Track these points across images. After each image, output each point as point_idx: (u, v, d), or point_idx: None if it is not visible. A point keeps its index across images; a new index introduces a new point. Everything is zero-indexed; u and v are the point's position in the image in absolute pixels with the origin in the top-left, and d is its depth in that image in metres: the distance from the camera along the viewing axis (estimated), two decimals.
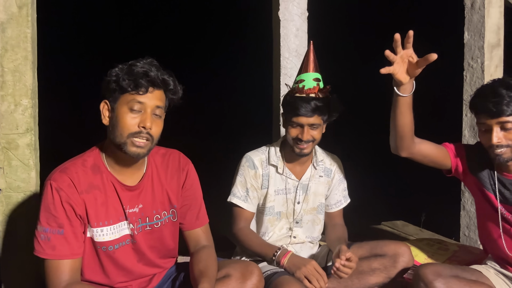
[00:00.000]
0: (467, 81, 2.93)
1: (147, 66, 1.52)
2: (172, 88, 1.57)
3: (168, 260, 1.76)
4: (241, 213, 2.03)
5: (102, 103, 1.56)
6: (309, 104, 1.89)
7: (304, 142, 1.94)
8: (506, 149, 1.69)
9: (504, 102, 1.64)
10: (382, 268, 1.97)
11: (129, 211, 1.60)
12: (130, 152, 1.51)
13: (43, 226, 1.51)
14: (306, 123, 1.92)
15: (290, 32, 2.54)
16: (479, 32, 2.86)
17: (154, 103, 1.52)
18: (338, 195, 2.19)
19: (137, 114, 1.51)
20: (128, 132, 1.50)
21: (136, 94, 1.50)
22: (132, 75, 1.49)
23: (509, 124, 1.66)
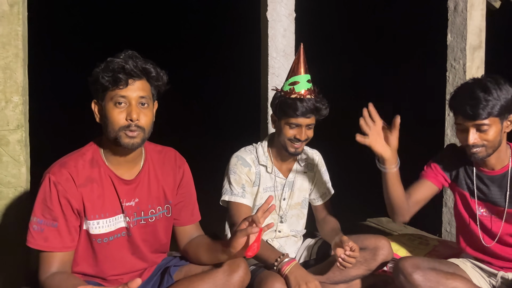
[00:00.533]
0: (450, 82, 3.01)
1: (124, 59, 1.53)
2: (154, 75, 1.59)
3: (159, 255, 1.81)
4: (240, 211, 2.03)
5: (93, 103, 1.61)
6: (307, 105, 1.97)
7: (299, 140, 2.01)
8: (481, 148, 1.75)
9: (480, 106, 1.68)
10: (362, 260, 2.04)
11: (126, 204, 1.64)
12: (124, 143, 1.55)
13: (38, 218, 1.55)
14: (304, 123, 1.99)
15: (278, 33, 2.60)
16: (461, 34, 2.94)
17: (137, 94, 1.55)
18: (322, 188, 2.26)
19: (123, 107, 1.55)
20: (118, 126, 1.54)
21: (117, 89, 1.53)
22: (109, 71, 1.52)
23: (485, 127, 1.71)
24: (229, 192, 2.06)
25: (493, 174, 1.86)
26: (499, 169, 1.85)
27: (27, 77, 2.14)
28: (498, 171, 1.85)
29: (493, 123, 1.71)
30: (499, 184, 1.86)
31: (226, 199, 2.07)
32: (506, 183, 1.84)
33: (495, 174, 1.86)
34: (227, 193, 2.07)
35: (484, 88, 1.71)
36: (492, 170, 1.86)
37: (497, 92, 1.69)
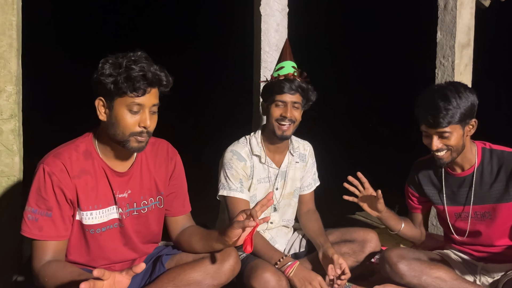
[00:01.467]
0: (439, 79, 3.07)
1: (143, 67, 1.52)
2: (165, 83, 1.61)
3: (151, 246, 1.84)
4: (239, 206, 2.04)
5: (97, 100, 1.58)
6: (292, 83, 2.03)
7: (287, 120, 2.03)
8: (446, 152, 1.84)
9: (440, 115, 1.76)
10: (351, 252, 2.10)
11: (119, 196, 1.67)
12: (132, 148, 1.58)
13: (32, 207, 1.57)
14: (290, 100, 2.03)
15: (271, 27, 2.62)
16: (450, 32, 2.99)
17: (151, 102, 1.57)
18: (309, 178, 2.30)
19: (136, 114, 1.56)
20: (129, 131, 1.56)
21: (135, 97, 1.54)
22: (130, 79, 1.51)
23: (446, 134, 1.79)
24: (227, 187, 2.07)
25: (462, 175, 1.94)
26: (468, 168, 1.92)
27: (21, 67, 2.15)
28: (468, 170, 1.92)
29: (454, 130, 1.79)
30: (468, 183, 1.93)
31: (224, 194, 2.08)
32: (473, 181, 1.91)
33: (465, 174, 1.93)
34: (224, 188, 2.07)
35: (444, 97, 1.78)
36: (462, 170, 1.94)
37: (456, 100, 1.76)
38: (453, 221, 2.00)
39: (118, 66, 1.53)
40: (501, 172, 1.86)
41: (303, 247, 2.26)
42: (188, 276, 1.70)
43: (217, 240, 1.66)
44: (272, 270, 1.89)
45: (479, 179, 1.90)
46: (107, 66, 1.54)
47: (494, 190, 1.88)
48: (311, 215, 2.26)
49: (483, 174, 1.90)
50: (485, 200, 1.89)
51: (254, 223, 1.52)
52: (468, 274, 2.01)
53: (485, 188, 1.89)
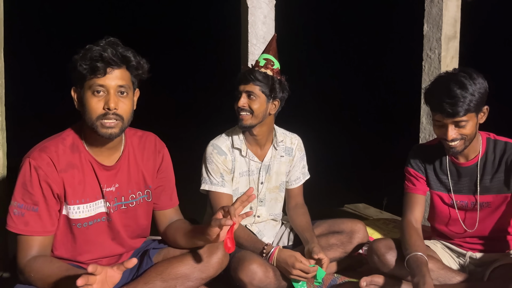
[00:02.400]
0: (425, 71, 3.08)
1: (103, 47, 1.50)
2: (134, 63, 1.57)
3: (139, 240, 1.83)
4: (221, 200, 2.05)
5: (72, 90, 1.59)
6: (247, 73, 2.01)
7: (241, 109, 2.01)
8: (460, 141, 1.80)
9: (459, 104, 1.71)
10: (339, 243, 2.11)
11: (106, 190, 1.65)
12: (102, 133, 1.55)
13: (18, 202, 1.54)
14: (243, 90, 2.02)
15: (258, 19, 2.61)
16: (437, 24, 3.00)
17: (115, 83, 1.53)
18: (298, 172, 2.29)
19: (102, 96, 1.53)
20: (95, 115, 1.53)
21: (95, 78, 1.51)
22: (87, 59, 1.49)
23: (463, 123, 1.75)
24: (208, 182, 2.08)
25: (467, 164, 1.92)
26: (473, 158, 1.91)
27: (3, 61, 2.11)
28: (472, 160, 1.91)
29: (470, 118, 1.76)
30: (471, 173, 1.92)
31: (206, 188, 2.09)
32: (477, 171, 1.90)
33: (469, 164, 1.92)
34: (206, 182, 2.08)
35: (460, 84, 1.73)
36: (466, 160, 1.92)
37: (472, 87, 1.72)
38: (458, 212, 1.95)
39: (84, 52, 1.52)
40: (502, 163, 1.86)
41: (291, 241, 2.26)
42: (176, 269, 1.69)
43: (199, 237, 1.65)
44: (258, 261, 1.89)
45: (482, 170, 1.89)
46: (75, 55, 1.53)
47: (495, 181, 1.88)
48: (299, 209, 2.26)
49: (486, 164, 1.88)
50: (487, 190, 1.89)
51: (231, 221, 1.50)
52: (455, 264, 2.03)
53: (487, 178, 1.89)
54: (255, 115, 2.02)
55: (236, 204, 1.56)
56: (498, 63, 5.57)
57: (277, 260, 1.92)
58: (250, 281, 1.86)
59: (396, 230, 2.57)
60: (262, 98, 2.02)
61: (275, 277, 1.92)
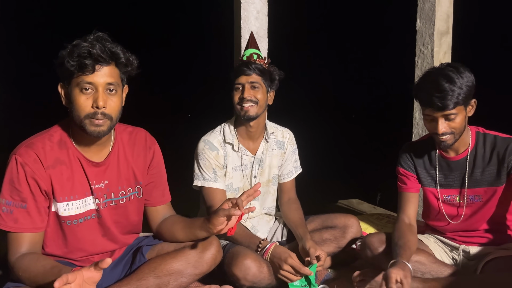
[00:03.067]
0: (418, 67, 3.09)
1: (91, 43, 1.47)
2: (123, 60, 1.54)
3: (131, 236, 1.82)
4: (215, 196, 2.06)
5: (59, 86, 1.56)
6: (247, 64, 2.04)
7: (246, 100, 2.02)
8: (450, 135, 1.83)
9: (448, 97, 1.74)
10: (332, 238, 2.11)
11: (95, 186, 1.63)
12: (90, 131, 1.52)
13: (6, 199, 1.53)
14: (246, 81, 2.04)
15: (251, 15, 2.60)
16: (430, 20, 3.01)
17: (104, 80, 1.50)
18: (290, 166, 2.29)
19: (90, 94, 1.50)
20: (83, 113, 1.51)
21: (83, 75, 1.48)
22: (75, 56, 1.46)
23: (452, 115, 1.78)
24: (201, 178, 2.08)
25: (457, 158, 1.94)
26: (462, 152, 1.93)
27: None
28: (462, 154, 1.93)
29: (459, 111, 1.78)
30: (461, 167, 1.93)
31: (199, 184, 2.09)
32: (466, 164, 1.92)
33: (459, 158, 1.93)
34: (199, 178, 2.09)
35: (448, 78, 1.76)
36: (456, 154, 1.94)
37: (460, 81, 1.76)
38: (445, 206, 1.98)
39: (69, 47, 1.49)
40: (493, 156, 1.88)
41: (285, 236, 2.27)
42: (169, 265, 1.69)
43: (200, 228, 1.65)
44: (252, 257, 1.89)
45: (472, 163, 1.91)
46: (62, 51, 1.50)
47: (486, 174, 1.89)
48: (292, 204, 2.26)
49: (476, 158, 1.91)
50: (477, 183, 1.91)
51: (239, 212, 1.53)
52: (448, 258, 2.04)
53: (478, 171, 1.91)
54: (259, 105, 2.06)
55: (243, 196, 1.57)
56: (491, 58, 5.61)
57: (271, 255, 1.93)
58: (244, 276, 1.86)
59: (389, 225, 2.58)
60: (263, 88, 2.07)
61: (269, 272, 1.92)
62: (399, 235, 1.88)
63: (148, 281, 1.66)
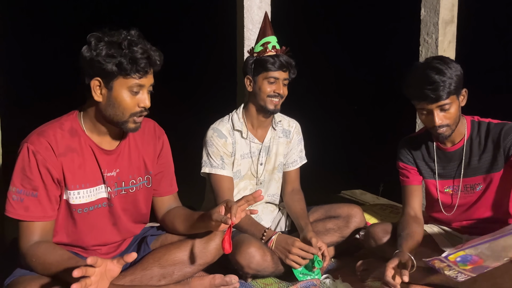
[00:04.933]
0: (423, 56, 3.06)
1: (145, 48, 1.51)
2: (159, 62, 1.59)
3: (139, 226, 1.83)
4: (222, 183, 2.08)
5: (94, 81, 1.52)
6: (283, 59, 2.07)
7: (280, 96, 2.08)
8: (446, 127, 1.84)
9: (440, 88, 1.76)
10: (336, 228, 2.12)
11: (107, 174, 1.64)
12: (130, 129, 1.58)
13: (17, 187, 1.53)
14: (281, 77, 2.07)
15: (254, 4, 2.58)
16: (434, 8, 2.98)
17: (150, 82, 1.58)
18: (295, 155, 2.30)
19: (136, 94, 1.55)
20: (130, 112, 1.55)
21: (138, 78, 1.52)
22: (135, 60, 1.49)
23: (447, 106, 1.79)
24: (209, 164, 2.10)
25: (453, 149, 1.94)
26: (459, 141, 1.94)
27: None
28: (458, 144, 1.94)
29: (453, 101, 1.80)
30: (458, 156, 1.94)
31: (206, 171, 2.11)
32: (463, 154, 1.93)
33: (455, 148, 1.94)
34: (206, 165, 2.10)
35: (437, 70, 1.78)
36: (453, 144, 1.94)
37: (449, 71, 1.77)
38: (442, 196, 1.99)
39: (118, 46, 1.49)
40: (488, 143, 1.88)
41: (288, 226, 2.28)
42: (174, 256, 1.70)
43: (200, 224, 1.66)
44: (257, 245, 1.90)
45: (469, 152, 1.92)
46: (103, 45, 1.48)
47: (483, 161, 1.90)
48: (295, 195, 2.26)
49: (472, 146, 1.91)
50: (476, 172, 1.92)
51: (229, 222, 1.51)
52: (451, 247, 2.04)
53: (475, 160, 1.91)
54: (283, 99, 2.13)
55: (241, 202, 1.57)
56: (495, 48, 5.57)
57: (276, 243, 1.93)
58: (248, 264, 1.88)
59: (393, 215, 2.58)
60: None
61: (273, 260, 1.93)
62: (403, 227, 1.89)
63: (153, 271, 1.67)
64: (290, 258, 1.90)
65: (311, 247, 1.89)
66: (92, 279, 1.29)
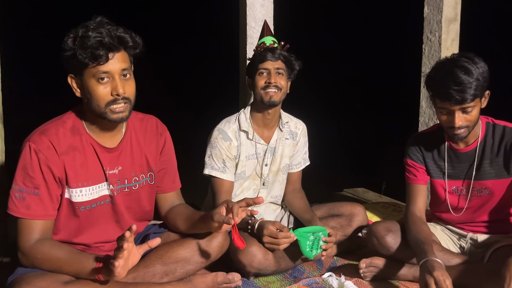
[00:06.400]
0: (426, 54, 3.05)
1: (99, 32, 1.46)
2: (131, 44, 1.55)
3: (142, 223, 1.83)
4: (221, 186, 2.08)
5: (69, 78, 1.55)
6: (273, 51, 2.07)
7: (273, 86, 2.04)
8: (465, 129, 1.79)
9: (467, 90, 1.68)
10: (338, 226, 2.11)
11: (109, 172, 1.64)
12: (112, 119, 1.54)
13: (19, 186, 1.53)
14: (272, 67, 2.06)
15: (257, 2, 2.57)
16: (437, 6, 2.97)
17: (119, 67, 1.51)
18: (299, 157, 2.30)
19: (107, 82, 1.51)
20: (104, 102, 1.52)
21: (98, 66, 1.48)
22: (87, 48, 1.46)
23: (470, 108, 1.74)
24: (210, 166, 2.10)
25: (466, 150, 1.91)
26: (472, 143, 1.90)
27: None
28: (471, 145, 1.90)
29: (476, 103, 1.74)
30: (470, 158, 1.91)
31: (206, 172, 2.11)
32: (475, 156, 1.90)
33: (468, 149, 1.91)
34: (208, 166, 2.10)
35: (465, 70, 1.71)
36: (466, 145, 1.91)
37: (476, 71, 1.71)
38: (450, 197, 1.96)
39: (74, 38, 1.48)
40: (501, 148, 1.85)
41: (291, 223, 2.27)
42: (176, 253, 1.70)
43: (200, 225, 1.66)
44: (258, 244, 1.90)
45: (481, 155, 1.88)
46: (68, 40, 1.49)
47: (494, 165, 1.87)
48: (297, 193, 2.27)
49: (485, 149, 1.87)
50: (485, 175, 1.88)
51: (232, 221, 1.52)
52: (454, 246, 2.04)
53: (486, 163, 1.88)
54: (282, 92, 2.09)
55: (241, 203, 1.57)
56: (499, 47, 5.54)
57: (256, 230, 1.93)
58: (250, 263, 1.88)
59: (395, 214, 2.58)
60: (285, 75, 2.10)
61: (275, 259, 1.93)
62: (418, 230, 1.84)
63: (155, 268, 1.67)
64: (264, 241, 1.88)
65: (281, 233, 1.85)
66: (125, 253, 1.34)
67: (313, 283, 1.92)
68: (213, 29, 7.47)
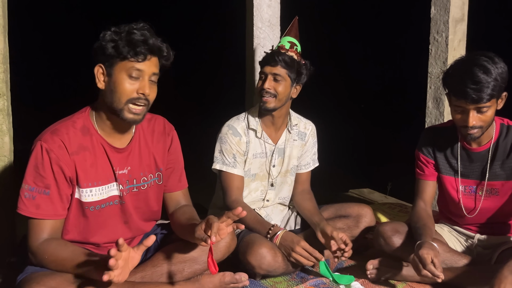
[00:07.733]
0: (432, 55, 3.04)
1: (145, 33, 1.54)
2: (165, 55, 1.60)
3: (150, 223, 1.83)
4: (232, 181, 2.07)
5: (97, 67, 1.57)
6: (274, 55, 2.01)
7: (266, 91, 2.01)
8: (478, 129, 1.78)
9: (484, 89, 1.66)
10: (345, 227, 2.11)
11: (119, 172, 1.65)
12: (127, 118, 1.55)
13: (29, 185, 1.54)
14: (269, 72, 2.02)
15: (263, 2, 2.57)
16: (444, 6, 2.96)
17: (151, 70, 1.56)
18: (308, 158, 2.29)
19: (135, 80, 1.54)
20: (126, 98, 1.54)
21: (135, 62, 1.52)
22: (132, 43, 1.51)
23: (485, 108, 1.72)
24: (220, 161, 2.09)
25: (479, 150, 1.90)
26: (485, 144, 1.89)
27: (8, 45, 2.09)
28: (484, 146, 1.89)
29: (492, 104, 1.73)
30: (482, 158, 1.90)
31: (217, 167, 2.10)
32: (488, 157, 1.88)
33: (481, 149, 1.90)
34: (218, 161, 2.10)
35: (484, 69, 1.69)
36: (479, 145, 1.90)
37: (495, 71, 1.69)
38: (464, 198, 1.95)
39: (119, 33, 1.53)
40: None
41: (298, 224, 2.28)
42: (184, 253, 1.70)
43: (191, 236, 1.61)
44: (268, 245, 1.90)
45: (493, 156, 1.87)
46: (109, 33, 1.54)
47: (505, 167, 1.86)
48: (305, 194, 2.26)
49: (497, 150, 1.86)
50: (496, 177, 1.88)
51: (208, 243, 1.46)
52: (461, 247, 2.03)
53: (497, 164, 1.87)
54: (278, 99, 2.03)
55: (222, 218, 1.53)
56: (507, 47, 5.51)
57: (282, 238, 1.92)
58: (259, 265, 1.87)
59: (402, 214, 2.57)
60: (287, 81, 2.04)
61: (284, 261, 1.93)
62: (417, 218, 1.87)
63: (163, 268, 1.68)
64: (293, 256, 1.89)
65: (316, 251, 1.87)
66: (119, 262, 1.32)
67: (320, 284, 1.92)
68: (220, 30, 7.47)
